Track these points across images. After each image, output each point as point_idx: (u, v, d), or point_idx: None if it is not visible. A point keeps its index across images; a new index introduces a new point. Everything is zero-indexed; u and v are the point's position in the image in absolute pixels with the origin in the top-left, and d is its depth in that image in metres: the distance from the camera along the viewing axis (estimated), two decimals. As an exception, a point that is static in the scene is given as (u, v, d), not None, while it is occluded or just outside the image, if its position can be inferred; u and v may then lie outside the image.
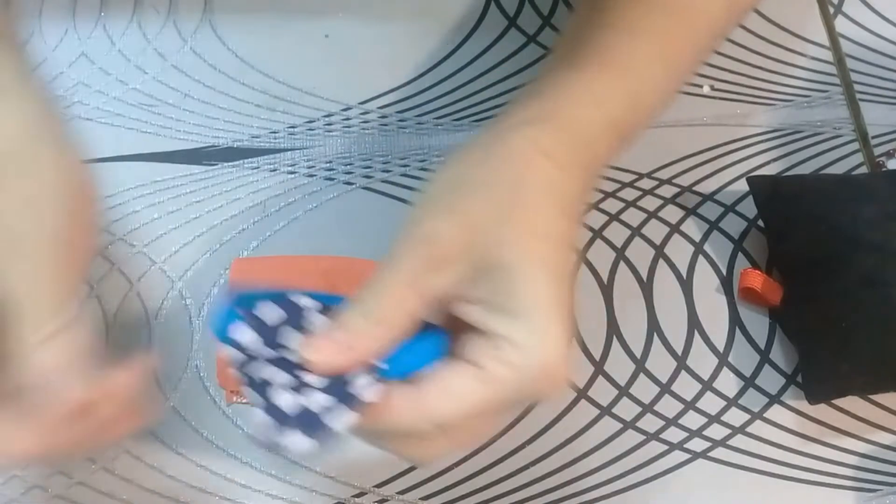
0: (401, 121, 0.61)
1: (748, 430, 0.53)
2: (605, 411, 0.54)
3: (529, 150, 0.39)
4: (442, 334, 0.39)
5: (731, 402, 0.54)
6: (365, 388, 0.37)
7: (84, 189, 0.40)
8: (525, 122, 0.40)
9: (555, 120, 0.41)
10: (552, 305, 0.38)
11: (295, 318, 0.38)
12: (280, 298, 0.39)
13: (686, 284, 0.57)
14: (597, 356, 0.55)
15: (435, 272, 0.38)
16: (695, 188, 0.60)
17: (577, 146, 0.40)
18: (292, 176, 0.59)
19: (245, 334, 0.37)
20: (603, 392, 0.54)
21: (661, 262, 0.58)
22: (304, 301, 0.39)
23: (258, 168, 0.59)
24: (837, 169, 0.61)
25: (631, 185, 0.60)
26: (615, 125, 0.42)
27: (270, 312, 0.38)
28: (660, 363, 0.55)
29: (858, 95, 0.64)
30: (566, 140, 0.40)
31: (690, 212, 0.59)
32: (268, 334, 0.38)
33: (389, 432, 0.39)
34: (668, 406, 0.54)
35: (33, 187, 0.38)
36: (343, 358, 0.37)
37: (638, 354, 0.55)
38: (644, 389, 0.54)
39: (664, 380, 0.54)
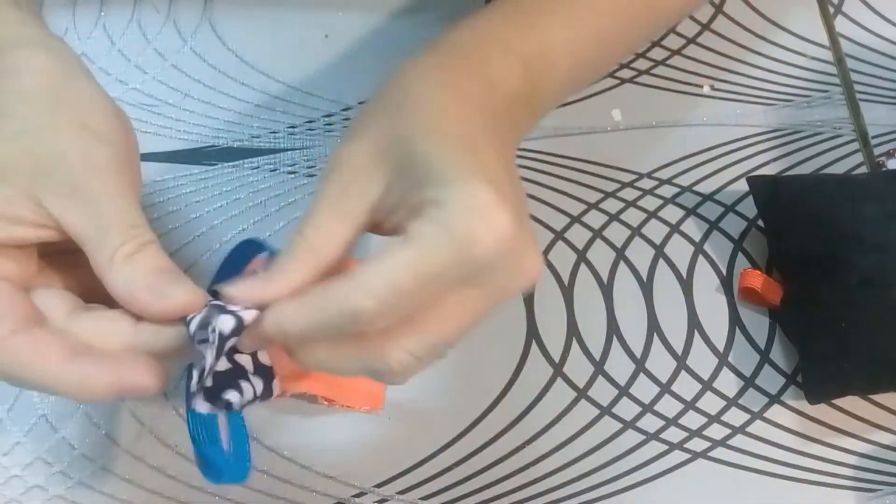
0: (401, 121, 0.61)
1: (748, 429, 0.53)
2: (605, 411, 0.54)
3: (432, 77, 0.41)
4: None
5: (731, 402, 0.54)
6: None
7: (122, 115, 0.41)
8: (429, 55, 0.42)
9: (452, 53, 0.42)
10: (464, 162, 0.36)
11: None
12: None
13: (686, 284, 0.57)
14: (597, 356, 0.55)
15: (355, 192, 0.38)
16: (695, 188, 0.60)
17: (473, 74, 0.41)
18: (292, 176, 0.59)
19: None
20: (603, 392, 0.54)
21: (661, 262, 0.58)
22: None
23: (258, 168, 0.59)
24: (837, 169, 0.61)
25: (631, 185, 0.60)
26: (524, 63, 0.43)
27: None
28: (660, 363, 0.55)
29: (858, 95, 0.64)
30: (461, 67, 0.42)
31: (690, 212, 0.59)
32: None
33: (336, 323, 0.36)
34: (668, 406, 0.54)
35: (81, 113, 0.39)
36: (263, 293, 0.37)
37: (638, 354, 0.55)
38: (644, 389, 0.54)
39: (664, 380, 0.54)
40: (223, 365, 0.39)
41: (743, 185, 0.59)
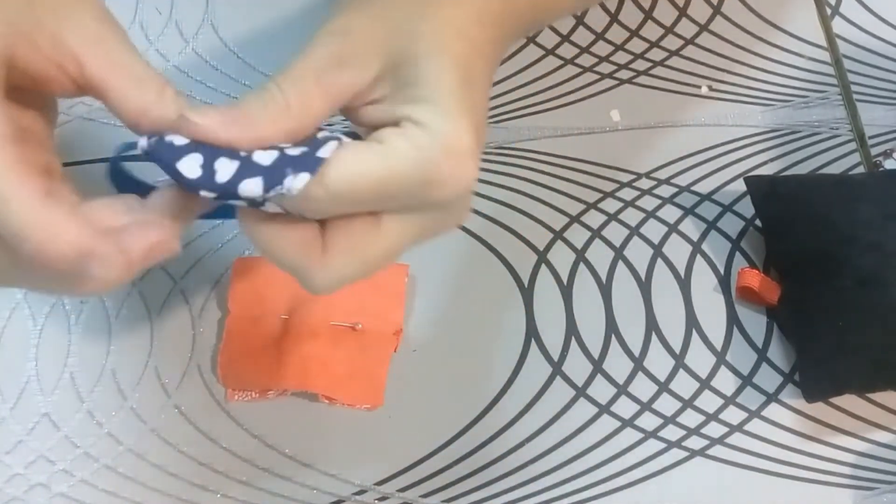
0: (401, 121, 0.62)
1: (746, 428, 0.54)
2: (604, 409, 0.54)
3: None
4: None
5: (729, 401, 0.54)
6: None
7: None
8: None
9: None
10: (460, 96, 0.36)
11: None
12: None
13: (684, 284, 0.57)
14: (595, 355, 0.55)
15: (345, 67, 0.36)
16: (693, 188, 0.60)
17: None
18: (293, 176, 0.59)
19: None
20: (602, 390, 0.54)
21: (660, 261, 0.58)
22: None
23: (259, 168, 0.60)
24: (835, 169, 0.61)
25: (629, 184, 0.60)
26: None
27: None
28: (658, 362, 0.55)
29: (855, 96, 0.64)
30: None
31: (688, 211, 0.60)
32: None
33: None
34: (667, 404, 0.54)
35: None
36: (224, 131, 0.35)
37: (636, 353, 0.55)
38: (642, 388, 0.54)
39: (662, 378, 0.55)
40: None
41: (741, 185, 0.59)
